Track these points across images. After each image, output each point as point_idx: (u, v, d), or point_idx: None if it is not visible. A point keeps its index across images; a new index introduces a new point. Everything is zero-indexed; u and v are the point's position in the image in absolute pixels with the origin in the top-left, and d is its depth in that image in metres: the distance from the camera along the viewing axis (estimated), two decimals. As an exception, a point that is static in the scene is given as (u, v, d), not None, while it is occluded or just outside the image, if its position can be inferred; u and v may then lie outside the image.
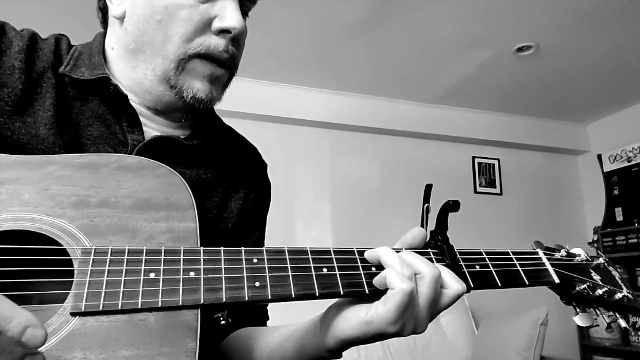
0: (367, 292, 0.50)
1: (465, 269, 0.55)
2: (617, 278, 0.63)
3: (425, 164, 3.52)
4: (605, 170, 3.72)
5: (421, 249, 0.55)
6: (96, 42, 0.67)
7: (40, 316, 0.44)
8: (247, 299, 0.46)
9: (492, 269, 0.56)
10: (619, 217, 3.54)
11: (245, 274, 0.47)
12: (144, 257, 0.46)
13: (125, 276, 0.44)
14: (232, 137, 0.79)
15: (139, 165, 0.53)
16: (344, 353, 0.53)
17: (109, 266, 0.44)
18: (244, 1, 0.65)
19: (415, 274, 0.49)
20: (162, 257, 0.46)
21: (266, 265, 0.48)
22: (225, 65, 0.63)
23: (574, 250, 0.65)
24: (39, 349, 0.39)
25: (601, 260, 0.64)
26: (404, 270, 0.48)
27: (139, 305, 0.43)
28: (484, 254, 0.58)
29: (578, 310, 0.61)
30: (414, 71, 3.04)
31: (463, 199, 0.57)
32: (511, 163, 3.78)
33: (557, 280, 0.59)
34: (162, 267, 0.45)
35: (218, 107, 0.77)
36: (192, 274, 0.46)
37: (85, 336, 0.41)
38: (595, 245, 3.60)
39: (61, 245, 0.45)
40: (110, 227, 0.48)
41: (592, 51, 2.79)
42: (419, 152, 3.54)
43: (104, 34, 0.68)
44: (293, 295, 0.47)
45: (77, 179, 0.50)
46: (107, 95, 0.63)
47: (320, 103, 3.25)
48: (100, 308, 0.42)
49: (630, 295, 0.61)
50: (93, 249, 0.45)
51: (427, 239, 0.57)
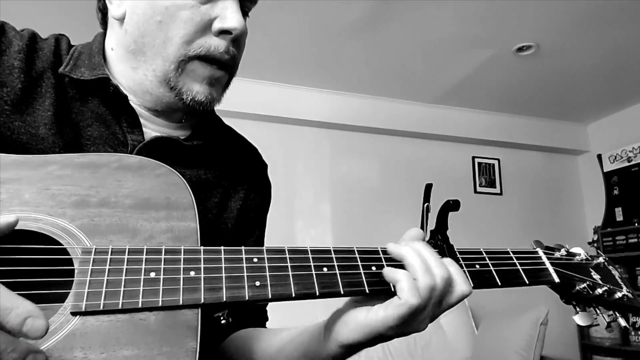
0: (367, 291, 0.50)
1: (465, 269, 0.55)
2: (617, 277, 0.63)
3: (425, 164, 3.52)
4: (605, 170, 3.72)
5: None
6: (96, 42, 0.67)
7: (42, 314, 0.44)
8: (247, 298, 0.46)
9: (492, 268, 0.56)
10: (619, 217, 3.54)
11: (245, 274, 0.47)
12: (144, 257, 0.46)
13: (125, 276, 0.44)
14: (232, 137, 0.79)
15: (139, 164, 0.53)
16: None
17: (109, 266, 0.44)
18: (244, 2, 0.65)
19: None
20: (163, 256, 0.46)
21: (266, 265, 0.48)
22: (225, 67, 0.63)
23: (573, 250, 0.65)
24: (41, 348, 0.39)
25: (601, 259, 0.64)
26: (424, 281, 0.47)
27: (140, 305, 0.43)
28: (483, 253, 0.58)
29: (578, 309, 0.61)
30: (414, 71, 3.04)
31: (463, 199, 0.57)
32: (511, 163, 3.78)
33: (557, 280, 0.59)
34: (162, 266, 0.46)
35: (218, 107, 0.77)
36: (192, 273, 0.46)
37: (86, 336, 0.41)
38: (595, 245, 3.60)
39: (62, 244, 0.45)
40: (110, 227, 0.48)
41: (592, 51, 2.79)
42: (419, 152, 3.54)
43: (104, 35, 0.68)
44: (293, 295, 0.48)
45: (78, 178, 0.50)
46: (107, 95, 0.63)
47: (320, 103, 3.25)
48: (101, 307, 0.42)
49: (630, 295, 0.61)
50: (93, 249, 0.45)
51: (427, 238, 0.57)
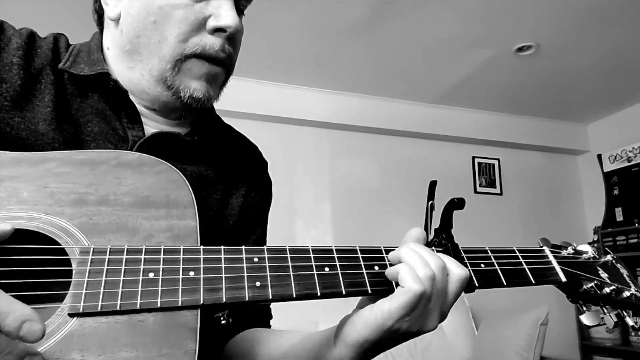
0: (369, 291, 0.49)
1: (470, 268, 0.54)
2: (625, 275, 0.62)
3: (425, 164, 3.51)
4: (605, 170, 3.71)
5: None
6: (94, 40, 0.67)
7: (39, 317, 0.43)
8: (247, 299, 0.45)
9: (497, 267, 0.55)
10: (619, 217, 3.54)
11: (245, 274, 0.46)
12: (143, 257, 0.45)
13: (124, 276, 0.43)
14: (232, 135, 0.78)
15: (138, 161, 0.52)
16: None
17: (107, 266, 0.44)
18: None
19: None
20: (162, 256, 0.45)
21: (267, 265, 0.48)
22: (221, 64, 0.63)
23: (581, 247, 0.64)
24: (39, 350, 0.39)
25: (609, 257, 0.63)
26: (422, 271, 0.47)
27: (138, 306, 0.42)
28: (489, 252, 0.57)
29: (584, 308, 0.60)
30: (414, 71, 3.03)
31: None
32: (511, 163, 3.78)
33: (564, 279, 0.58)
34: (161, 266, 0.45)
35: (218, 107, 0.76)
36: (191, 273, 0.45)
37: (84, 337, 0.41)
38: (596, 245, 3.59)
39: (60, 244, 0.44)
40: (109, 226, 0.47)
41: (592, 51, 2.79)
42: (419, 152, 3.53)
43: (101, 34, 0.68)
44: (294, 295, 0.47)
45: (77, 176, 0.49)
46: (106, 91, 0.62)
47: (320, 103, 3.25)
48: (99, 309, 0.41)
49: (638, 294, 0.60)
50: (91, 249, 0.44)
51: (432, 236, 0.56)
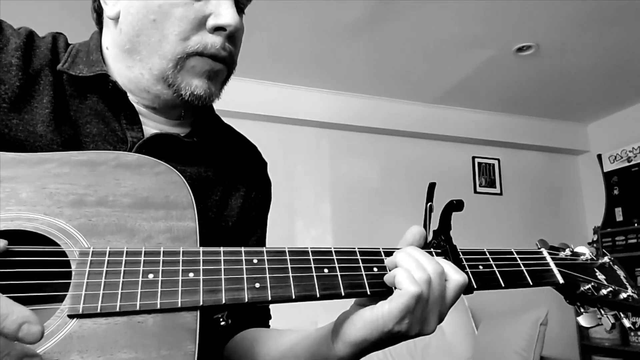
0: (368, 293, 0.49)
1: (468, 269, 0.54)
2: (622, 277, 0.62)
3: (425, 164, 3.51)
4: (605, 170, 3.71)
5: (422, 248, 0.54)
6: (93, 39, 0.67)
7: (38, 319, 0.43)
8: (247, 300, 0.45)
9: (495, 269, 0.56)
10: (619, 217, 3.54)
11: (245, 275, 0.46)
12: (142, 258, 0.45)
13: (123, 277, 0.43)
14: (231, 135, 0.78)
15: (137, 163, 0.52)
16: None
17: (107, 267, 0.44)
18: None
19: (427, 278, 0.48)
20: (161, 257, 0.45)
21: (266, 266, 0.48)
22: (223, 62, 0.63)
23: (578, 249, 0.64)
24: (38, 351, 0.39)
25: (606, 259, 0.63)
26: (418, 274, 0.47)
27: (138, 307, 0.42)
28: (487, 253, 0.57)
29: (582, 310, 0.61)
30: (414, 71, 3.03)
31: (463, 199, 0.57)
32: (511, 163, 3.78)
33: (561, 281, 0.58)
34: (160, 268, 0.45)
35: (218, 107, 0.76)
36: (191, 275, 0.45)
37: (83, 339, 0.41)
38: (595, 245, 3.60)
39: (59, 245, 0.44)
40: (108, 227, 0.47)
41: (592, 51, 2.79)
42: (419, 152, 3.53)
43: (100, 33, 0.68)
44: (293, 297, 0.47)
45: (75, 177, 0.49)
46: (105, 92, 0.62)
47: (320, 103, 3.25)
48: (98, 310, 0.41)
49: (635, 295, 0.60)
50: (91, 250, 0.44)
51: (430, 238, 0.56)
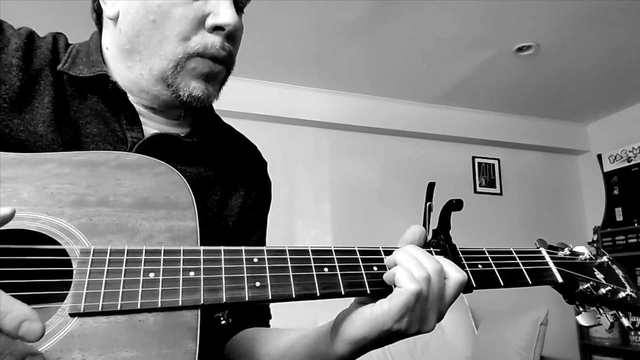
0: (368, 292, 0.50)
1: (467, 268, 0.54)
2: (620, 276, 0.63)
3: (425, 164, 3.52)
4: (605, 170, 3.71)
5: (422, 248, 0.55)
6: (93, 40, 0.67)
7: (39, 316, 0.44)
8: (247, 299, 0.45)
9: (494, 268, 0.56)
10: (619, 217, 3.54)
11: (245, 274, 0.47)
12: (143, 257, 0.45)
13: (124, 276, 0.44)
14: (231, 135, 0.78)
15: (138, 163, 0.52)
16: None
17: (108, 266, 0.44)
18: None
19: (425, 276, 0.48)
20: (162, 257, 0.46)
21: (267, 265, 0.48)
22: (222, 62, 0.63)
23: (577, 249, 0.64)
24: (39, 349, 0.39)
25: (605, 258, 0.63)
26: (418, 272, 0.48)
27: (139, 306, 0.43)
28: (486, 253, 0.57)
29: (581, 309, 0.61)
30: (414, 71, 3.03)
31: (463, 199, 0.57)
32: (511, 163, 3.78)
33: (560, 280, 0.58)
34: (161, 267, 0.45)
35: (218, 107, 0.76)
36: (192, 274, 0.45)
37: (84, 337, 0.41)
38: (595, 245, 3.60)
39: (60, 244, 0.45)
40: (109, 226, 0.47)
41: (592, 51, 2.79)
42: (419, 152, 3.53)
43: (100, 34, 0.68)
44: (294, 296, 0.47)
45: (76, 177, 0.49)
46: (105, 92, 0.62)
47: (320, 103, 3.25)
48: (99, 309, 0.42)
49: (633, 294, 0.61)
50: (92, 249, 0.45)
51: (430, 237, 0.57)
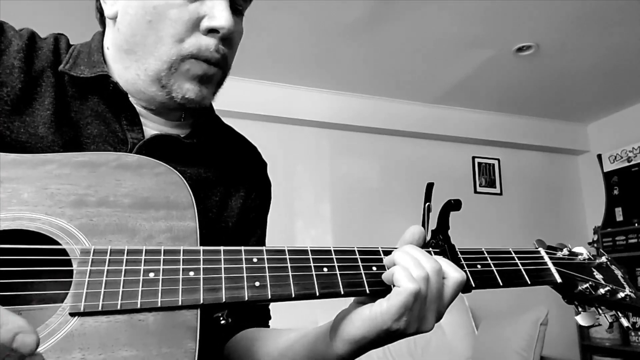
0: (367, 292, 0.50)
1: (466, 268, 0.54)
2: (619, 277, 0.63)
3: (425, 164, 3.52)
4: (605, 170, 3.72)
5: (421, 248, 0.55)
6: (95, 40, 0.67)
7: (40, 316, 0.44)
8: (247, 298, 0.46)
9: (493, 268, 0.56)
10: (619, 217, 3.54)
11: (245, 274, 0.47)
12: (143, 257, 0.45)
13: (124, 276, 0.44)
14: (231, 136, 0.78)
15: (138, 163, 0.52)
16: None
17: (108, 266, 0.44)
18: None
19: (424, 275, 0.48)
20: (162, 257, 0.46)
21: (266, 265, 0.48)
22: (216, 65, 0.62)
23: (576, 249, 0.64)
24: (39, 349, 0.39)
25: (603, 259, 0.64)
26: (416, 271, 0.48)
27: (138, 306, 0.43)
28: (485, 253, 0.57)
29: (580, 309, 0.61)
30: (414, 71, 3.03)
31: (463, 199, 0.57)
32: (511, 163, 3.78)
33: (559, 280, 0.59)
34: (161, 267, 0.45)
35: (218, 107, 0.76)
36: (191, 273, 0.45)
37: (84, 336, 0.41)
38: (595, 245, 3.60)
39: (60, 244, 0.45)
40: (109, 227, 0.47)
41: (592, 51, 2.79)
42: (419, 152, 3.54)
43: (103, 33, 0.68)
44: (293, 295, 0.47)
45: (76, 177, 0.49)
46: (106, 93, 0.63)
47: (320, 103, 3.25)
48: (100, 308, 0.42)
49: (632, 295, 0.61)
50: (92, 249, 0.45)
51: (429, 238, 0.57)
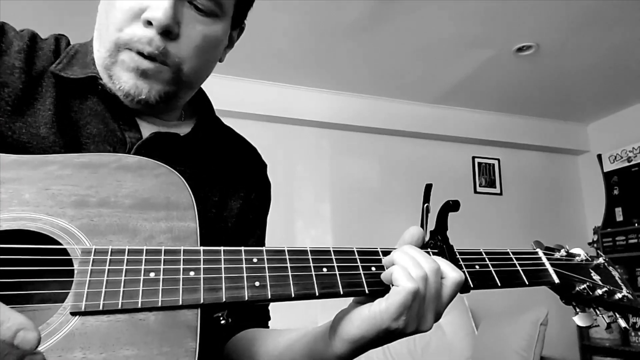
0: (367, 292, 0.50)
1: (465, 269, 0.55)
2: (617, 278, 0.63)
3: (425, 164, 3.52)
4: (605, 170, 3.72)
5: (420, 249, 0.55)
6: (92, 40, 0.67)
7: (40, 316, 0.44)
8: (247, 298, 0.46)
9: (491, 269, 0.56)
10: (619, 217, 3.54)
11: (245, 274, 0.47)
12: (144, 257, 0.46)
13: (125, 276, 0.44)
14: (231, 137, 0.78)
15: (138, 165, 0.53)
16: None
17: (109, 266, 0.44)
18: None
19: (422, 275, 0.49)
20: (162, 256, 0.46)
21: (266, 265, 0.48)
22: (153, 59, 0.58)
23: (573, 250, 0.65)
24: (40, 348, 0.39)
25: (601, 260, 0.64)
26: (415, 271, 0.48)
27: (139, 305, 0.43)
28: (483, 254, 0.58)
29: (578, 310, 0.62)
30: (414, 71, 3.04)
31: (463, 199, 0.57)
32: (511, 163, 3.78)
33: (556, 280, 0.59)
34: (162, 266, 0.45)
35: (218, 107, 0.77)
36: (192, 273, 0.46)
37: (85, 336, 0.41)
38: (595, 245, 3.60)
39: (61, 244, 0.45)
40: (110, 227, 0.47)
41: (592, 51, 2.79)
42: (419, 152, 3.54)
43: None
44: (293, 295, 0.48)
45: (77, 178, 0.50)
46: (102, 93, 0.62)
47: (320, 103, 3.25)
48: (101, 307, 0.42)
49: (630, 295, 0.61)
50: (93, 249, 0.45)
51: (427, 239, 0.57)
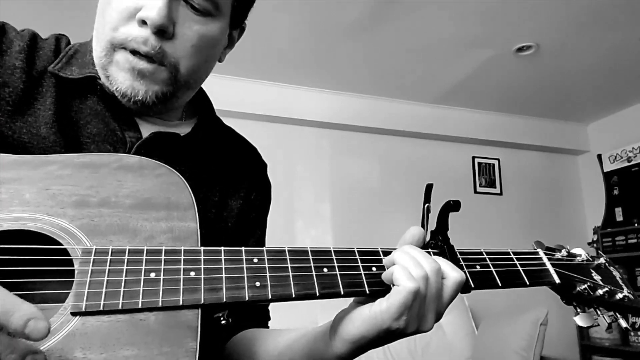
0: (367, 292, 0.50)
1: (465, 269, 0.55)
2: (617, 278, 0.63)
3: (425, 164, 3.52)
4: (605, 170, 3.72)
5: (421, 249, 0.55)
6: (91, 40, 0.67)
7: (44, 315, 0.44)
8: (247, 298, 0.46)
9: (492, 269, 0.56)
10: (619, 217, 3.54)
11: (245, 274, 0.47)
12: (144, 257, 0.46)
13: (125, 276, 0.44)
14: (231, 137, 0.78)
15: (139, 165, 0.53)
16: None
17: (109, 266, 0.44)
18: None
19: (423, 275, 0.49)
20: (163, 257, 0.46)
21: (267, 265, 0.48)
22: (149, 59, 0.58)
23: (574, 250, 0.65)
24: (41, 348, 0.39)
25: (602, 260, 0.64)
26: (415, 270, 0.48)
27: (140, 305, 0.43)
28: (484, 254, 0.58)
29: (578, 310, 0.62)
30: (414, 71, 3.04)
31: (463, 199, 0.57)
32: (511, 163, 3.78)
33: (557, 281, 0.59)
34: (162, 267, 0.45)
35: (218, 107, 0.77)
36: (192, 273, 0.46)
37: (86, 336, 0.41)
38: (595, 245, 3.60)
39: (62, 245, 0.45)
40: (110, 227, 0.47)
41: (592, 51, 2.79)
42: (419, 152, 3.54)
43: None
44: (293, 295, 0.48)
45: (78, 178, 0.50)
46: (101, 93, 0.62)
47: (320, 103, 3.25)
48: (101, 308, 0.42)
49: (631, 296, 0.61)
50: (94, 249, 0.45)
51: (428, 239, 0.57)
